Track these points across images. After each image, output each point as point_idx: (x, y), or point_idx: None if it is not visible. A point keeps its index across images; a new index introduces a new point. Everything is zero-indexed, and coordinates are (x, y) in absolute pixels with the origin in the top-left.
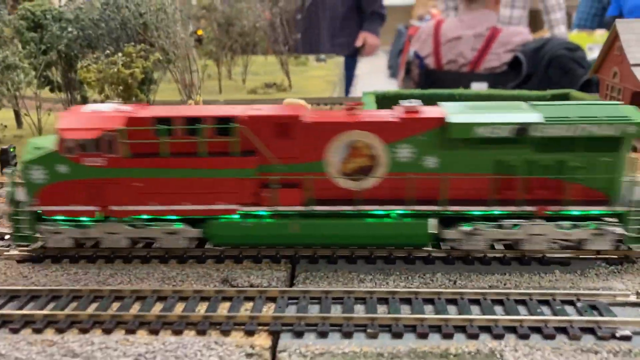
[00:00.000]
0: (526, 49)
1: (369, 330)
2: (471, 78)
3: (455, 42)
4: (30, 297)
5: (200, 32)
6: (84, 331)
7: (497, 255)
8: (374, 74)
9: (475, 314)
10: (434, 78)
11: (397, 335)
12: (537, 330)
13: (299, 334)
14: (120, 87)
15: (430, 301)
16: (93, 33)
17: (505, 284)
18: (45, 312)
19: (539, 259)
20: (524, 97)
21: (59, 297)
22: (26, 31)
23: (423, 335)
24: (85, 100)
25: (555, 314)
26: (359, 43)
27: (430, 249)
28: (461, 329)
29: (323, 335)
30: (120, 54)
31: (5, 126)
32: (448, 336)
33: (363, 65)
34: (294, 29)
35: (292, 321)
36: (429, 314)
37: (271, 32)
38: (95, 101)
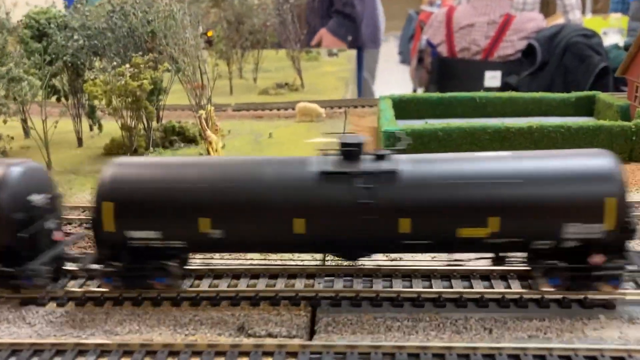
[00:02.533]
0: (540, 36)
1: None
2: (484, 66)
3: (468, 29)
4: (33, 351)
5: (210, 34)
6: None
7: (534, 296)
8: (384, 61)
9: None
10: (446, 66)
11: None
12: None
13: None
14: (129, 99)
15: (465, 357)
16: (99, 42)
17: (545, 333)
18: None
19: (581, 300)
20: (547, 100)
21: (63, 351)
22: (30, 40)
23: None
24: (92, 109)
25: None
26: (313, 42)
27: (461, 289)
28: None
29: None
30: (127, 65)
31: (12, 137)
32: None
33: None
34: (304, 24)
35: None
36: None
37: (282, 30)
38: (102, 111)
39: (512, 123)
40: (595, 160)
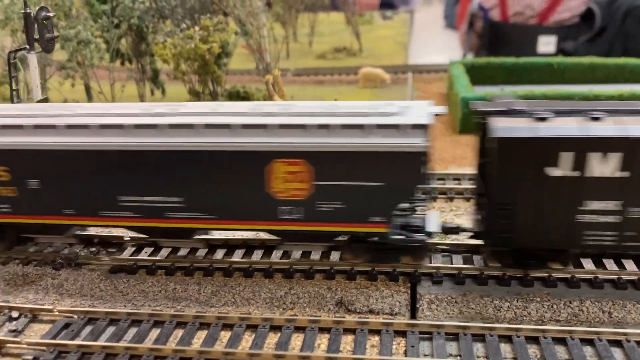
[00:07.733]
0: None
1: None
2: (539, 31)
3: None
4: (131, 321)
5: None
6: None
7: None
8: (429, 25)
9: None
10: (498, 31)
11: None
12: None
13: None
14: (197, 63)
15: (588, 342)
16: (166, 4)
17: None
18: (149, 345)
19: None
20: (631, 66)
21: (161, 322)
22: (96, 2)
23: None
24: (156, 74)
25: None
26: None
27: (572, 269)
28: None
29: None
30: (197, 28)
31: (77, 102)
32: None
33: (417, 16)
34: None
35: None
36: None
37: None
38: (167, 75)
39: (600, 90)
40: None
